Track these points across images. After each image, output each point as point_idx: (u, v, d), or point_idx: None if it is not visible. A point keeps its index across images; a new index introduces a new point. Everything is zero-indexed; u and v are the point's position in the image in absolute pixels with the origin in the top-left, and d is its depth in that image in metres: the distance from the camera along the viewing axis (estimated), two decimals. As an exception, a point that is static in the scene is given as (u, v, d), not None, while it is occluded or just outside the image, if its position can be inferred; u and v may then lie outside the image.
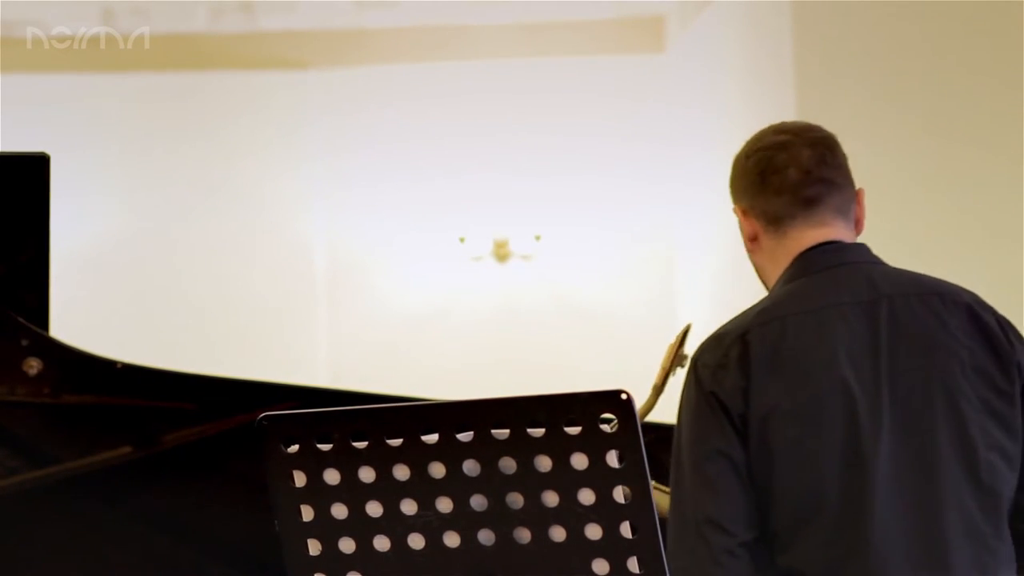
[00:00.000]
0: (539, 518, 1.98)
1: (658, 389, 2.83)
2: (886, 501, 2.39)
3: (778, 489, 2.39)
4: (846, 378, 2.43)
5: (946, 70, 5.87)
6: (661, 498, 2.36)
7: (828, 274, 2.54)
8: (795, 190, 2.60)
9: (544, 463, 1.97)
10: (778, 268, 2.61)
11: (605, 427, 1.96)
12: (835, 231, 2.60)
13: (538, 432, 1.96)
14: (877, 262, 2.59)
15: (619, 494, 1.95)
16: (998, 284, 5.78)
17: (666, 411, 2.74)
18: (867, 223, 2.72)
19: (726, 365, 2.44)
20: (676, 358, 2.76)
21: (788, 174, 2.60)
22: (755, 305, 2.54)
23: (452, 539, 2.01)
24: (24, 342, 3.10)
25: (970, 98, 5.85)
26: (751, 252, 2.67)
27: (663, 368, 2.80)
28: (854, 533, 2.39)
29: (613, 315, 8.03)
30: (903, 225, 5.68)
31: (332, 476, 2.02)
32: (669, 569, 2.02)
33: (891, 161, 5.77)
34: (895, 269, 2.58)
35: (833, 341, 2.45)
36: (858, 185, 2.68)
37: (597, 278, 8.06)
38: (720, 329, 2.52)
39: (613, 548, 1.97)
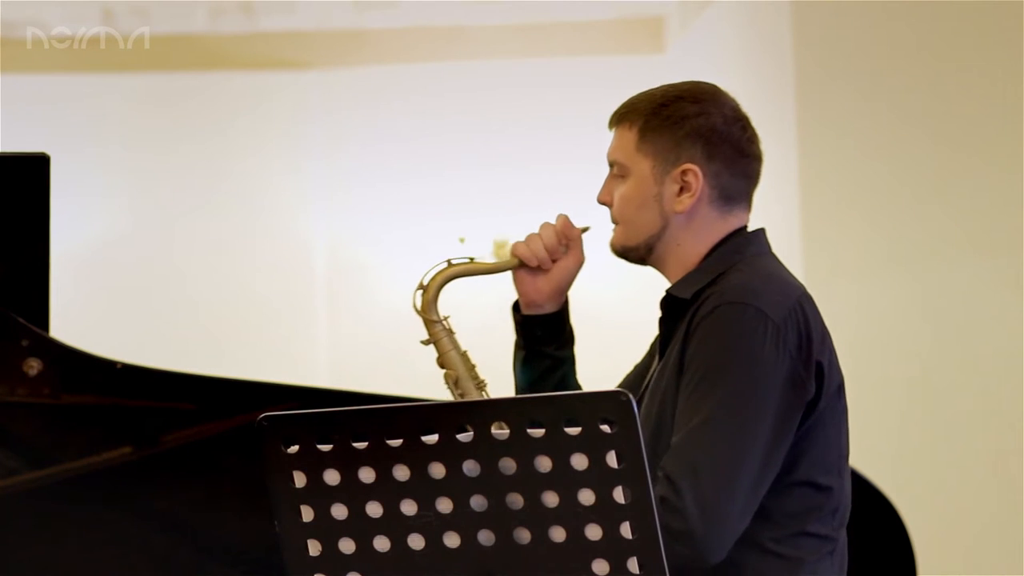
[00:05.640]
0: (539, 518, 1.98)
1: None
2: None
3: None
4: None
5: (946, 71, 5.87)
6: None
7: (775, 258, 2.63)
8: (757, 175, 2.66)
9: (544, 463, 1.97)
10: (700, 243, 2.64)
11: (605, 427, 1.96)
12: None
13: (538, 432, 1.96)
14: None
15: (619, 495, 1.95)
16: (998, 286, 5.78)
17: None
18: (866, 225, 2.73)
19: None
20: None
21: (759, 155, 2.65)
22: (758, 272, 2.55)
23: (452, 539, 2.01)
24: (24, 342, 3.10)
25: (970, 99, 5.84)
26: (670, 215, 2.66)
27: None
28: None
29: (612, 315, 8.02)
30: (902, 226, 5.67)
31: (332, 476, 2.02)
32: None
33: (890, 162, 5.76)
34: None
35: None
36: (856, 185, 2.69)
37: (596, 278, 8.04)
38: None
39: (613, 548, 1.97)
